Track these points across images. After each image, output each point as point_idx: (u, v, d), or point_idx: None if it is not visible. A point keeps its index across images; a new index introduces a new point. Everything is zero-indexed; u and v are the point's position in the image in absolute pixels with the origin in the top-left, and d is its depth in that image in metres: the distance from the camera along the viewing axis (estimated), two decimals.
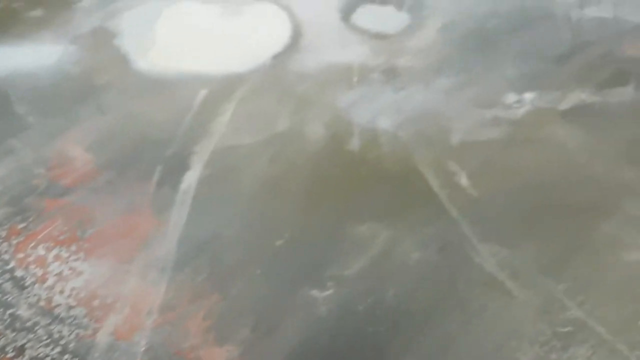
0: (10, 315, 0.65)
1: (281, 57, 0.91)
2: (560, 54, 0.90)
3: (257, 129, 0.81)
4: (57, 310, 0.65)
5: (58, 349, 0.63)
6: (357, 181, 0.75)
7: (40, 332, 0.64)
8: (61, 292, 0.66)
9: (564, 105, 0.83)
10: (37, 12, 0.99)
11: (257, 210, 0.71)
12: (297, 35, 0.95)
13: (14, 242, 0.68)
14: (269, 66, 0.89)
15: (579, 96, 0.84)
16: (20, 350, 0.64)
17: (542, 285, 0.66)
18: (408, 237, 0.69)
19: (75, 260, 0.67)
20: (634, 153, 0.78)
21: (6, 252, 0.67)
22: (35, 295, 0.66)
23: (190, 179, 0.75)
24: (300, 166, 0.76)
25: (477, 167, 0.76)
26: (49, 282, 0.66)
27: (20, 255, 0.67)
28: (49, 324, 0.64)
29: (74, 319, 0.65)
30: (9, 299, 0.66)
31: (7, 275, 0.67)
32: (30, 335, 0.64)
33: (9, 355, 0.63)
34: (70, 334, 0.64)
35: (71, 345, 0.63)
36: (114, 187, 0.74)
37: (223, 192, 0.73)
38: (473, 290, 0.66)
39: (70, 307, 0.65)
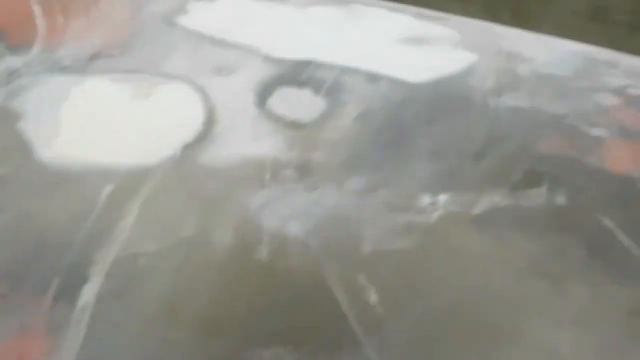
0: None
1: (192, 148, 0.88)
2: (475, 149, 0.90)
3: (162, 234, 0.77)
4: None
5: None
6: (264, 298, 0.72)
7: None
8: None
9: (477, 209, 0.82)
10: None
11: (157, 335, 0.68)
12: (210, 122, 0.92)
13: None
14: (179, 159, 0.86)
15: (492, 199, 0.83)
16: None
17: None
18: None
19: None
20: (546, 266, 0.77)
21: None
22: None
23: (89, 294, 0.71)
24: (204, 281, 0.73)
25: (387, 282, 0.74)
26: None
27: None
28: None
29: None
30: None
31: None
32: None
33: None
34: None
35: None
36: (6, 303, 0.70)
37: (123, 311, 0.70)
38: None
39: None
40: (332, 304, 0.71)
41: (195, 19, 1.13)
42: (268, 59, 1.04)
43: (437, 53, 1.09)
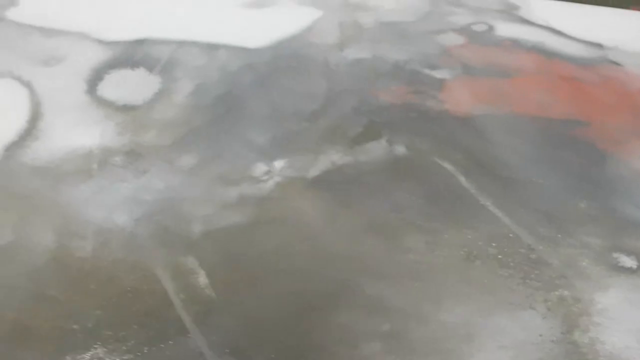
0: None
1: (14, 148, 0.83)
2: (314, 109, 0.86)
3: None
4: None
5: None
6: (84, 298, 0.68)
7: None
8: None
9: (314, 171, 0.79)
10: None
11: None
12: (35, 118, 0.87)
13: None
14: (1, 160, 0.81)
15: (331, 158, 0.80)
16: None
17: None
18: None
19: None
20: (383, 221, 0.75)
21: None
22: None
23: None
24: (22, 287, 0.69)
25: (217, 262, 0.71)
26: None
27: None
28: None
29: None
30: None
31: None
32: None
33: None
34: None
35: None
36: None
37: None
38: None
39: None
40: (159, 293, 0.68)
41: (26, 11, 1.07)
42: (100, 43, 1.00)
43: (280, 14, 1.05)
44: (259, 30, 1.01)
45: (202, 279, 0.70)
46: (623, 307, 0.67)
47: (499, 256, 0.72)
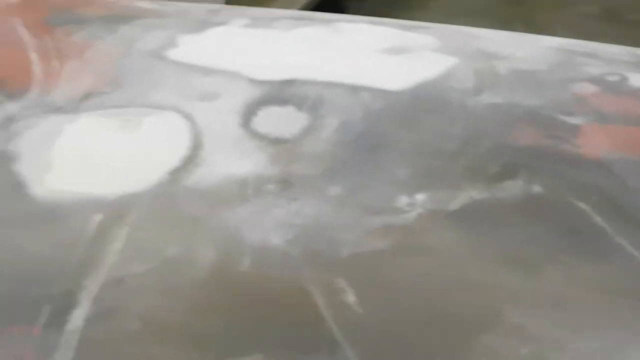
0: None
1: (178, 173, 0.92)
2: (453, 148, 0.91)
3: (148, 255, 0.80)
4: None
5: None
6: (244, 309, 0.75)
7: None
8: None
9: (454, 205, 0.84)
10: None
11: (143, 351, 0.71)
12: (196, 146, 0.95)
13: None
14: (165, 184, 0.90)
15: (469, 194, 0.85)
16: None
17: None
18: None
19: None
20: (522, 254, 0.79)
21: None
22: None
23: (78, 318, 0.74)
24: (187, 297, 0.76)
25: (364, 283, 0.76)
26: None
27: None
28: None
29: None
30: None
31: None
32: None
33: None
34: None
35: None
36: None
37: (109, 331, 0.73)
38: None
39: None
40: (311, 307, 0.74)
41: (184, 51, 1.17)
42: (252, 82, 1.08)
43: (417, 60, 1.12)
44: (398, 75, 1.08)
45: (351, 297, 0.75)
46: None
47: (636, 293, 0.74)
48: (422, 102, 1.00)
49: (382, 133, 0.96)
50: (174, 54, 1.16)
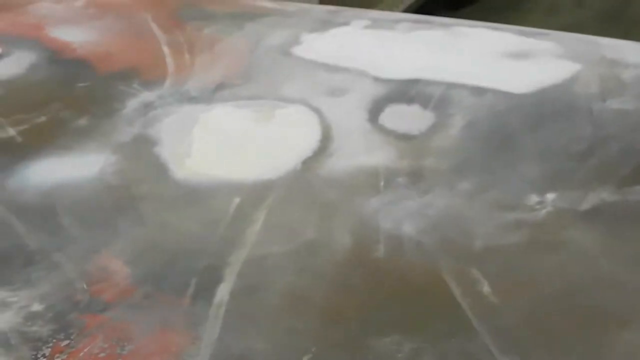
0: None
1: (310, 162, 0.95)
2: (581, 150, 0.93)
3: (285, 238, 0.84)
4: None
5: None
6: (381, 291, 0.78)
7: None
8: None
9: (585, 205, 0.85)
10: (83, 121, 1.05)
11: (285, 325, 0.75)
12: (326, 139, 0.99)
13: None
14: (299, 171, 0.93)
15: (600, 195, 0.86)
16: None
17: None
18: (430, 350, 0.71)
19: None
20: None
21: None
22: None
23: (223, 292, 0.78)
24: (326, 277, 0.79)
25: (498, 274, 0.78)
26: None
27: None
28: None
29: None
30: None
31: None
32: None
33: None
34: None
35: None
36: (151, 302, 0.78)
37: (253, 306, 0.77)
38: None
39: None
40: (446, 295, 0.76)
41: (309, 49, 1.21)
42: (377, 80, 1.11)
43: (540, 65, 1.13)
44: (522, 78, 1.09)
45: (486, 288, 0.77)
46: None
47: None
48: (548, 106, 1.02)
49: (508, 133, 0.97)
50: (298, 50, 1.20)
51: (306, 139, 0.99)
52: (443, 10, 3.09)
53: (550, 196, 0.86)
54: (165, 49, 1.24)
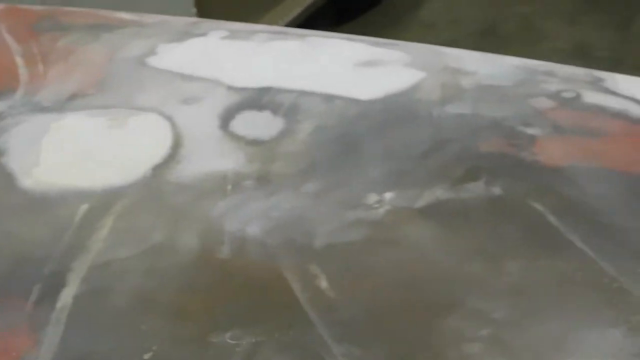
0: None
1: (160, 169, 0.96)
2: (420, 152, 0.98)
3: (133, 242, 0.85)
4: None
5: None
6: (224, 290, 0.80)
7: None
8: None
9: (421, 203, 0.90)
10: None
11: (129, 326, 0.76)
12: (177, 146, 1.01)
13: None
14: (148, 178, 0.95)
15: (435, 194, 0.91)
16: None
17: None
18: (268, 343, 0.74)
19: None
20: (483, 247, 0.85)
21: None
22: None
23: (67, 296, 0.79)
24: (172, 278, 0.81)
25: (337, 270, 0.82)
26: None
27: None
28: None
29: None
30: None
31: None
32: None
33: None
34: None
35: None
36: None
37: (97, 309, 0.77)
38: None
39: None
40: (286, 291, 0.79)
41: (165, 59, 1.23)
42: (231, 89, 1.14)
43: (388, 73, 1.18)
44: (370, 86, 1.14)
45: (324, 283, 0.80)
46: None
47: (586, 282, 0.81)
48: (392, 111, 1.07)
49: (354, 137, 1.02)
50: (155, 61, 1.22)
51: (157, 147, 1.00)
52: (325, 25, 3.16)
53: (389, 195, 0.91)
54: (19, 60, 1.22)
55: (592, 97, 1.11)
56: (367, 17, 3.58)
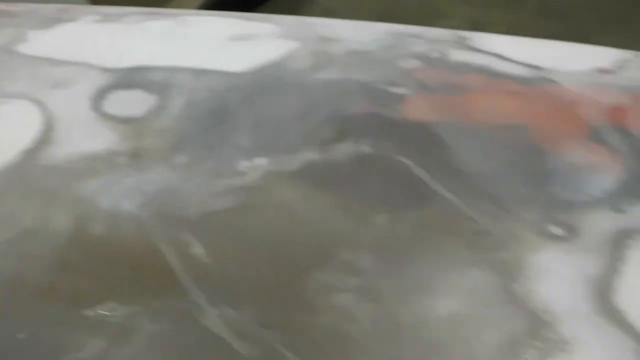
0: None
1: (30, 153, 0.96)
2: (291, 117, 1.00)
3: (5, 227, 0.85)
4: None
5: None
6: (98, 266, 0.80)
7: None
8: None
9: (291, 166, 0.92)
10: None
11: (2, 309, 0.75)
12: (47, 129, 1.00)
13: None
14: (18, 163, 0.94)
15: (306, 156, 0.93)
16: None
17: (264, 340, 0.73)
18: (143, 311, 0.75)
19: None
20: (351, 203, 0.88)
21: None
22: None
23: None
24: (45, 259, 0.81)
25: (211, 237, 0.83)
26: None
27: None
28: None
29: None
30: None
31: None
32: None
33: None
34: None
35: None
36: None
37: None
38: (203, 355, 0.72)
39: None
40: (161, 261, 0.80)
41: (34, 46, 1.21)
42: (103, 70, 1.13)
43: (260, 45, 1.20)
44: (242, 59, 1.15)
45: (199, 250, 0.82)
46: (552, 265, 0.80)
47: (449, 227, 0.84)
48: (263, 81, 1.08)
49: (226, 110, 1.03)
50: (24, 48, 1.20)
51: (27, 131, 0.99)
52: (236, 8, 3.13)
53: (260, 161, 0.92)
54: None
55: (457, 55, 1.16)
56: (269, 5, 3.59)
